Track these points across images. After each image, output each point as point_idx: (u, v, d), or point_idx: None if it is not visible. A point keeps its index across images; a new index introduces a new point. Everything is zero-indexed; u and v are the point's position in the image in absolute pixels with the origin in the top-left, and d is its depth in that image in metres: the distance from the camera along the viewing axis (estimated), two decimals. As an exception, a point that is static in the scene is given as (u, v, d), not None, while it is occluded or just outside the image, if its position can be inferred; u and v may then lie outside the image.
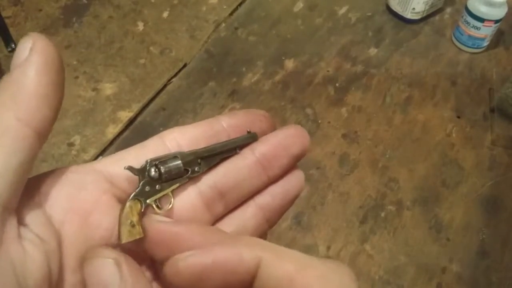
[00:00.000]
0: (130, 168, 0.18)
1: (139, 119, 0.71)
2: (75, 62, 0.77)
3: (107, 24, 0.83)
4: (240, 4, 0.88)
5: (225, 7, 0.87)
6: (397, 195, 0.65)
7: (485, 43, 0.82)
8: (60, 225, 0.16)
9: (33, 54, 0.16)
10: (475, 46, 0.82)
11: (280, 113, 0.72)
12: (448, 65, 0.81)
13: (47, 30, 0.81)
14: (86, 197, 0.17)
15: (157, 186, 0.18)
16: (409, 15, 0.85)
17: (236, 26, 0.84)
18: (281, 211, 0.21)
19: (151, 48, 0.80)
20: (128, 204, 0.17)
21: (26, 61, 0.16)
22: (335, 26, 0.85)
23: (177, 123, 0.70)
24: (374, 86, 0.77)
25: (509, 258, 0.61)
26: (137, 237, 0.17)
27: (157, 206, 0.18)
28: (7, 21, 0.78)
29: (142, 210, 0.17)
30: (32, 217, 0.16)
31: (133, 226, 0.17)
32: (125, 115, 0.71)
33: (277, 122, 0.71)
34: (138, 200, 0.18)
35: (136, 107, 0.72)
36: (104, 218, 0.17)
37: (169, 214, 0.18)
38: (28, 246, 0.15)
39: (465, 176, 0.68)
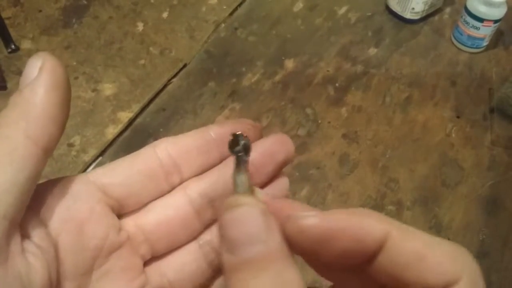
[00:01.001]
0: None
1: (139, 119, 0.71)
2: (74, 63, 0.77)
3: (107, 25, 0.83)
4: (240, 4, 0.88)
5: (225, 7, 0.87)
6: (397, 195, 0.65)
7: (485, 43, 0.82)
8: (57, 234, 0.17)
9: (42, 74, 0.16)
10: (475, 46, 0.82)
11: (280, 113, 0.72)
12: (448, 65, 0.81)
13: (46, 30, 0.81)
14: (81, 207, 0.17)
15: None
16: (408, 15, 0.85)
17: (236, 26, 0.84)
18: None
19: (151, 48, 0.80)
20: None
21: (36, 80, 0.16)
22: (335, 26, 0.85)
23: (177, 124, 0.70)
24: (374, 86, 0.77)
25: (509, 258, 0.61)
26: None
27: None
28: (6, 21, 0.78)
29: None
30: (33, 229, 0.16)
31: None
32: (125, 116, 0.71)
33: (277, 122, 0.71)
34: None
35: (136, 108, 0.72)
36: (98, 228, 0.18)
37: None
38: (31, 258, 0.15)
39: (465, 176, 0.68)
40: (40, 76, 0.16)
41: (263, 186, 0.21)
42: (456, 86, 0.78)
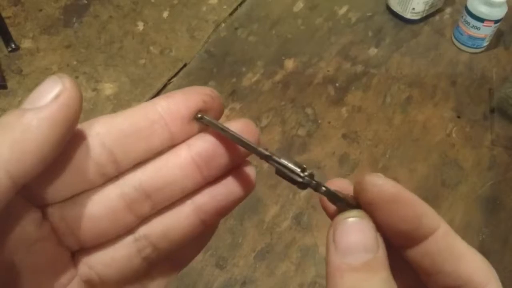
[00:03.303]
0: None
1: (139, 119, 0.71)
2: (75, 62, 0.77)
3: (107, 24, 0.83)
4: (240, 4, 0.88)
5: (225, 7, 0.87)
6: (397, 195, 0.65)
7: (485, 43, 0.82)
8: None
9: (55, 104, 0.14)
10: (475, 46, 0.82)
11: (280, 113, 0.72)
12: (448, 65, 0.81)
13: (47, 30, 0.81)
14: None
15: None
16: (409, 15, 0.85)
17: (236, 26, 0.84)
18: (221, 213, 0.19)
19: (151, 48, 0.80)
20: None
21: (45, 110, 0.14)
22: (335, 26, 0.85)
23: (177, 123, 0.70)
24: (374, 86, 0.77)
25: (509, 258, 0.61)
26: None
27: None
28: (7, 21, 0.78)
29: None
30: None
31: None
32: (125, 115, 0.71)
33: (277, 122, 0.71)
34: None
35: (136, 107, 0.72)
36: (11, 223, 0.16)
37: None
38: None
39: (465, 176, 0.68)
40: (51, 106, 0.14)
41: (215, 179, 0.19)
42: (456, 86, 0.78)
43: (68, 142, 0.16)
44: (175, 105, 0.18)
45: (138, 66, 0.78)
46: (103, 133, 0.17)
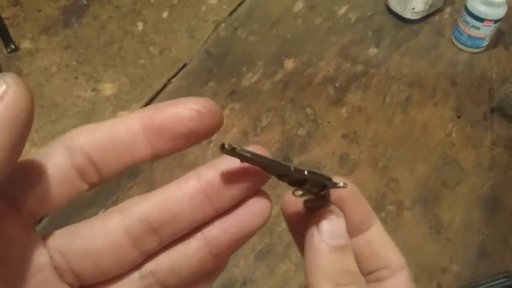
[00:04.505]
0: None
1: (139, 119, 0.71)
2: (74, 63, 0.77)
3: (107, 25, 0.83)
4: (240, 4, 0.88)
5: (224, 7, 0.87)
6: (397, 195, 0.65)
7: (485, 43, 0.82)
8: None
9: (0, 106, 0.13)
10: (475, 46, 0.82)
11: (280, 113, 0.72)
12: (448, 65, 0.81)
13: (46, 30, 0.81)
14: None
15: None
16: (408, 15, 0.85)
17: (235, 26, 0.84)
18: (234, 247, 0.18)
19: (151, 48, 0.80)
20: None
21: None
22: (335, 26, 0.85)
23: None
24: (374, 86, 0.77)
25: (509, 258, 0.61)
26: None
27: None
28: (6, 21, 0.78)
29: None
30: None
31: None
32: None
33: (277, 122, 0.71)
34: None
35: (136, 107, 0.72)
36: (16, 249, 0.16)
37: None
38: None
39: (465, 176, 0.68)
40: None
41: (227, 211, 0.17)
42: (456, 86, 0.78)
43: (52, 150, 0.16)
44: (159, 120, 0.16)
45: (137, 66, 0.78)
46: (84, 143, 0.16)
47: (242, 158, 0.16)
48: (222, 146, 0.15)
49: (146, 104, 0.73)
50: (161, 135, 0.16)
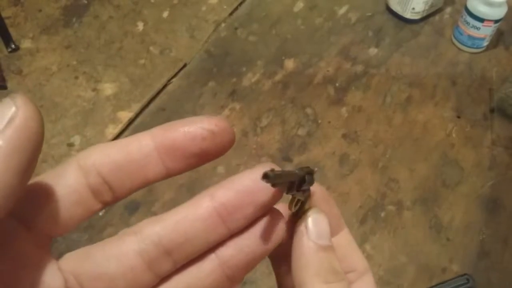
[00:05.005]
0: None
1: (139, 119, 0.71)
2: (75, 62, 0.77)
3: (107, 24, 0.83)
4: (240, 4, 0.88)
5: (225, 7, 0.87)
6: (397, 195, 0.65)
7: (485, 43, 0.82)
8: None
9: (9, 130, 0.13)
10: (475, 46, 0.82)
11: (280, 113, 0.72)
12: (448, 65, 0.81)
13: (47, 30, 0.81)
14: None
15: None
16: (408, 15, 0.85)
17: (236, 26, 0.84)
18: (248, 266, 0.18)
19: (151, 48, 0.80)
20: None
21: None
22: (335, 26, 0.85)
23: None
24: (374, 86, 0.77)
25: (509, 258, 0.61)
26: None
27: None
28: (7, 21, 0.78)
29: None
30: None
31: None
32: (125, 116, 0.71)
33: (277, 122, 0.71)
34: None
35: (136, 107, 0.72)
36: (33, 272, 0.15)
37: None
38: None
39: (465, 176, 0.68)
40: (5, 132, 0.13)
41: (240, 231, 0.17)
42: (456, 86, 0.78)
43: (65, 170, 0.16)
44: (171, 140, 0.16)
45: (138, 66, 0.78)
46: (98, 163, 0.16)
47: (277, 182, 0.16)
48: (266, 175, 0.15)
49: (146, 105, 0.73)
50: (173, 155, 0.16)
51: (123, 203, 0.62)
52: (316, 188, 0.20)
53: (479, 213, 0.64)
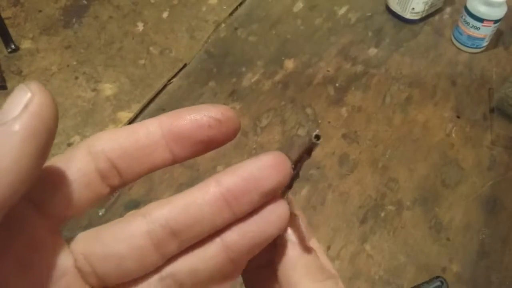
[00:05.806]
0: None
1: (139, 119, 0.71)
2: (75, 63, 0.77)
3: (107, 25, 0.83)
4: (240, 4, 0.88)
5: (225, 7, 0.87)
6: (397, 195, 0.65)
7: (485, 43, 0.82)
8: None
9: (25, 115, 0.13)
10: (475, 46, 0.82)
11: (280, 113, 0.72)
12: (448, 65, 0.81)
13: (46, 30, 0.81)
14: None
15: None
16: (408, 15, 0.85)
17: (236, 26, 0.84)
18: (251, 251, 0.18)
19: (151, 48, 0.80)
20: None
21: (15, 123, 0.13)
22: (335, 26, 0.85)
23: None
24: (374, 86, 0.77)
25: (509, 258, 0.61)
26: None
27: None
28: (6, 21, 0.78)
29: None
30: None
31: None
32: (125, 116, 0.71)
33: (277, 122, 0.71)
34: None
35: (136, 108, 0.72)
36: (45, 252, 0.16)
37: None
38: None
39: (465, 176, 0.68)
40: (21, 117, 0.13)
41: (245, 216, 0.18)
42: (456, 86, 0.78)
43: (75, 155, 0.16)
44: (178, 127, 0.17)
45: (138, 67, 0.78)
46: (107, 148, 0.17)
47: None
48: (318, 136, 0.17)
49: (146, 105, 0.73)
50: (180, 142, 0.17)
51: (123, 203, 0.62)
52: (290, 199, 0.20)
53: (479, 213, 0.64)
